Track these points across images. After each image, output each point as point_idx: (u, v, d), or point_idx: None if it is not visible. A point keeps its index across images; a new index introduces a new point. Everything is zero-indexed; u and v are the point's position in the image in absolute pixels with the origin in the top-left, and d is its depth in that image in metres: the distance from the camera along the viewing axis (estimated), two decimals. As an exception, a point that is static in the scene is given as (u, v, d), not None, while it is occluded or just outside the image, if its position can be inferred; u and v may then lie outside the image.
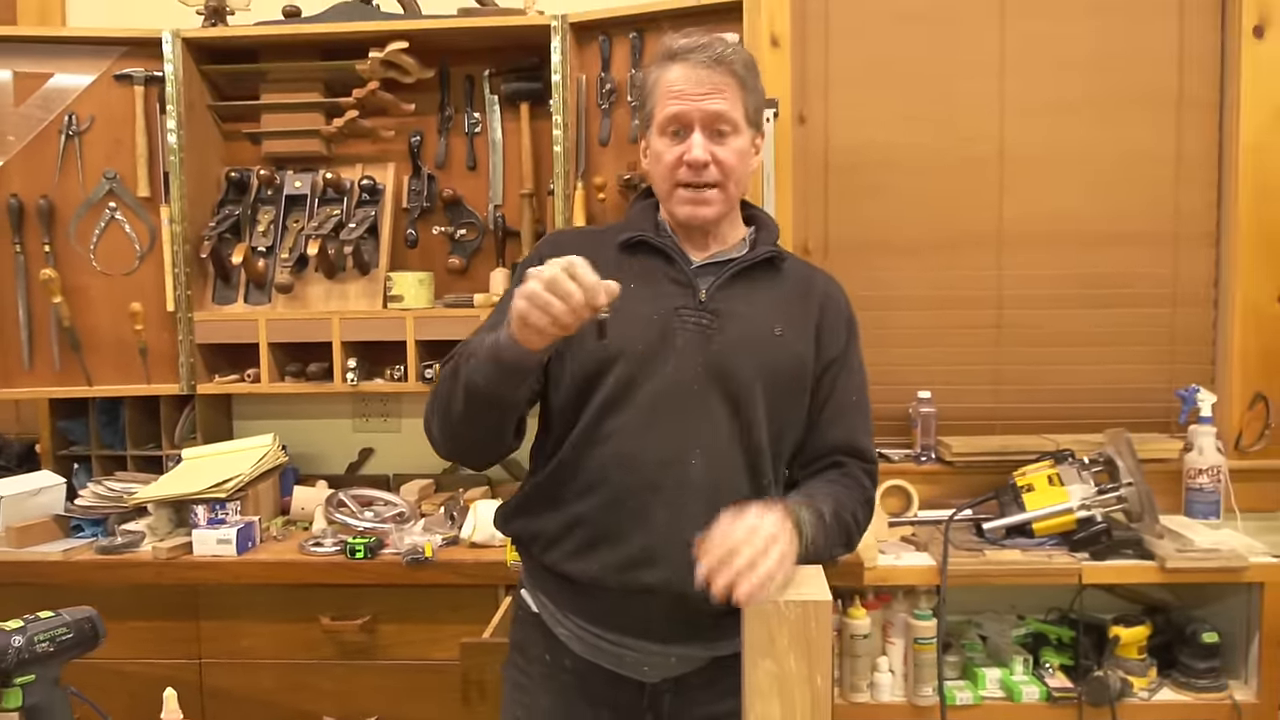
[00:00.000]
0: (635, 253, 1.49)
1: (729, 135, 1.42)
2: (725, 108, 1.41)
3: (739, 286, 1.47)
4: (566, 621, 1.45)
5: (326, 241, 2.43)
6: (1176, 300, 2.67)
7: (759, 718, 1.21)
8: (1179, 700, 2.27)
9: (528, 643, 1.51)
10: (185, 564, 2.20)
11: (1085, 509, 2.27)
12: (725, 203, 1.46)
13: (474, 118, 2.60)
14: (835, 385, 1.50)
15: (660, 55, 1.46)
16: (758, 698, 1.21)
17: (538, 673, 1.48)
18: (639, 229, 1.50)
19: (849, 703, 2.30)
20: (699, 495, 1.38)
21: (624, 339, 1.39)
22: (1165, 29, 2.63)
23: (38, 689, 1.18)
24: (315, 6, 2.50)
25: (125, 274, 2.51)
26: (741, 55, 1.44)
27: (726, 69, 1.41)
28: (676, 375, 1.41)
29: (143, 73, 2.47)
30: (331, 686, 2.21)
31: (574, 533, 1.42)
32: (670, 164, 1.44)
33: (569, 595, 1.44)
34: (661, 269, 1.47)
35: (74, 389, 2.51)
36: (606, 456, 1.40)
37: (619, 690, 1.44)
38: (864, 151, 2.70)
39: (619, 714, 1.45)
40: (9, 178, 2.46)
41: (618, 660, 1.43)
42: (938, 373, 2.70)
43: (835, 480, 1.47)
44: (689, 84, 1.41)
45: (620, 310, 1.34)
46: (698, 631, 1.41)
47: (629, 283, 1.40)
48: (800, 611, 1.20)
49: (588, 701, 1.45)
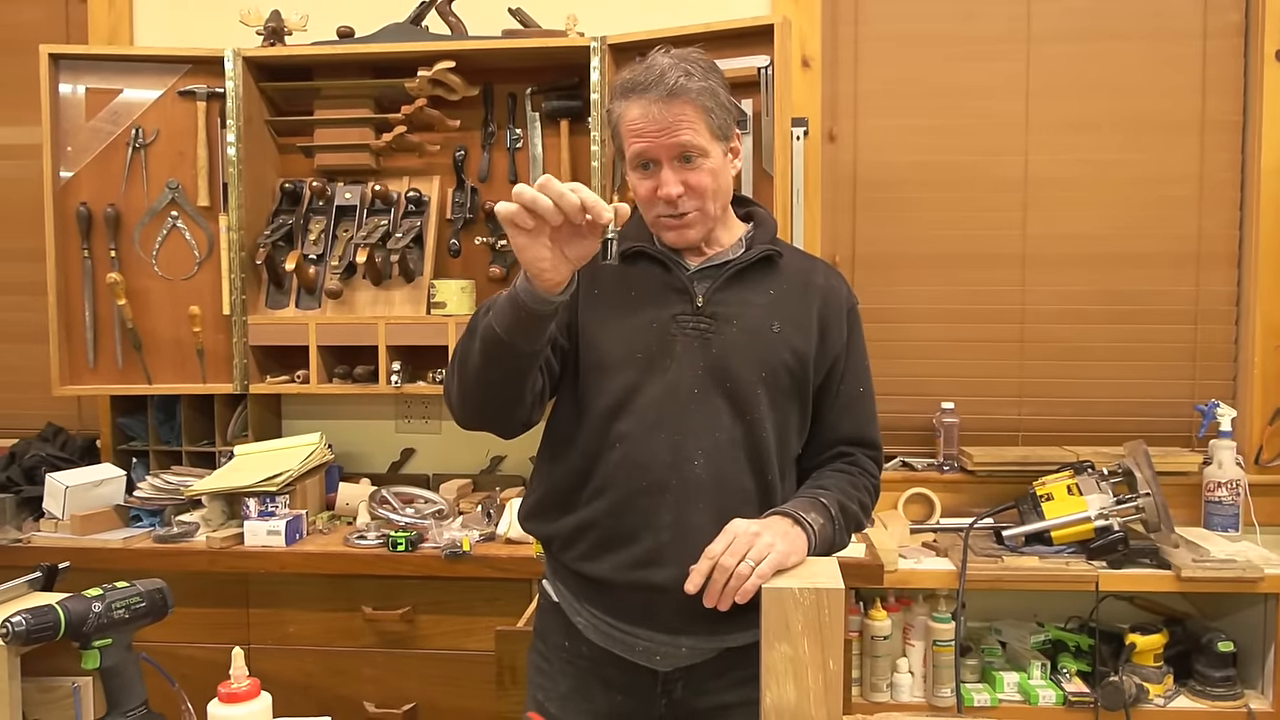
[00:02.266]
0: (635, 262, 1.50)
1: (697, 158, 1.42)
2: (689, 138, 1.40)
3: (736, 288, 1.48)
4: (583, 611, 1.49)
5: (374, 250, 2.54)
6: (1198, 317, 2.72)
7: (775, 698, 1.29)
8: (1195, 708, 2.31)
9: (549, 630, 1.55)
10: (236, 553, 2.31)
11: (1103, 518, 2.33)
12: (707, 221, 1.47)
13: (516, 134, 2.70)
14: (843, 379, 1.53)
15: (618, 90, 1.45)
16: (773, 679, 1.29)
17: (557, 658, 1.53)
18: (635, 240, 1.50)
19: (869, 701, 2.36)
20: (704, 495, 1.42)
21: (626, 347, 1.45)
22: (1189, 53, 2.68)
23: (113, 652, 1.28)
24: (367, 27, 2.61)
25: (185, 279, 2.64)
26: (697, 80, 1.41)
27: (682, 100, 1.39)
28: (677, 380, 1.43)
29: (205, 89, 2.60)
30: (372, 673, 2.31)
31: (586, 535, 1.46)
32: (646, 198, 1.45)
33: (584, 589, 1.49)
34: (660, 277, 1.49)
35: (135, 387, 2.64)
36: (613, 462, 1.44)
37: (633, 676, 1.48)
38: (892, 169, 2.77)
39: (633, 699, 1.49)
40: (79, 187, 2.60)
41: (630, 649, 1.47)
42: (961, 384, 2.76)
43: (844, 470, 1.52)
44: (648, 122, 1.40)
45: (622, 319, 1.41)
46: (707, 624, 1.41)
47: (630, 291, 1.47)
48: (814, 599, 1.28)
49: (603, 686, 1.49)
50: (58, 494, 2.40)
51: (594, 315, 1.48)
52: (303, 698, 2.29)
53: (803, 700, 1.29)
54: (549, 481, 1.52)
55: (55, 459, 2.64)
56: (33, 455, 2.63)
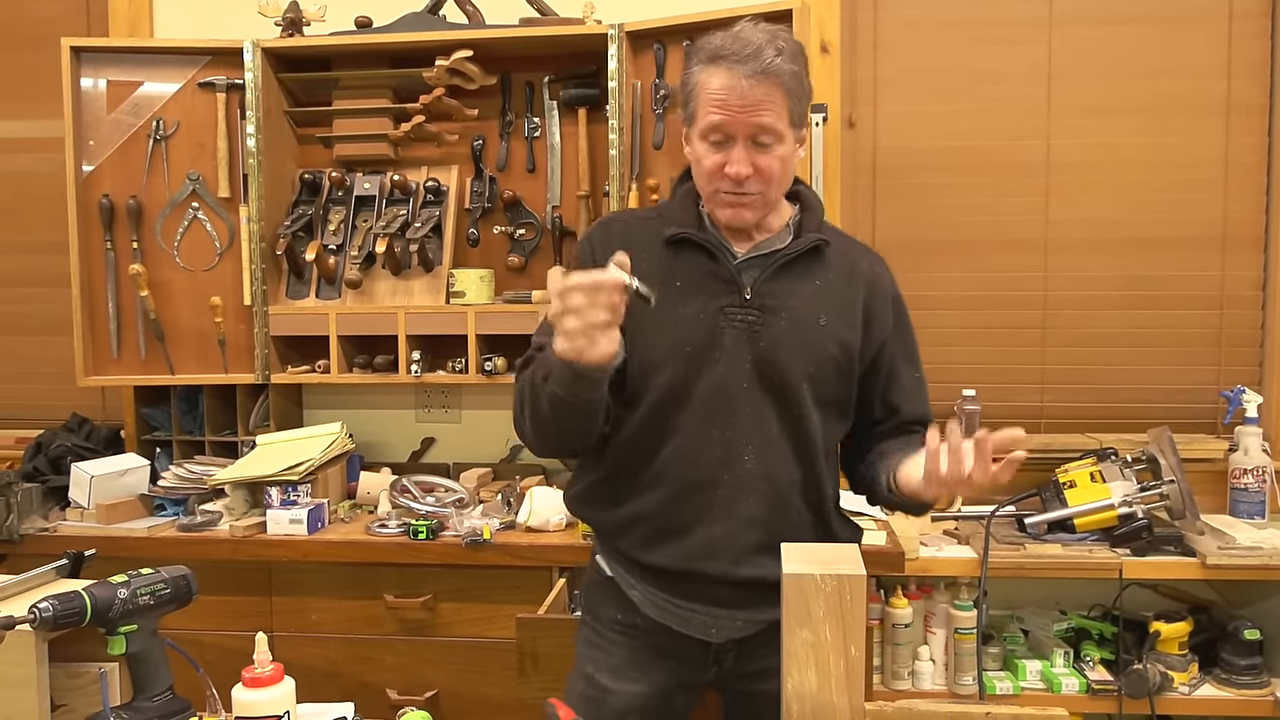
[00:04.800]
0: (680, 249, 1.48)
1: (772, 145, 1.39)
2: (770, 120, 1.37)
3: (783, 279, 1.47)
4: (639, 587, 1.52)
5: (393, 240, 2.55)
6: (1223, 302, 2.69)
7: (796, 684, 1.29)
8: (1221, 696, 2.29)
9: (601, 604, 1.58)
10: (259, 542, 2.32)
11: (1127, 505, 2.30)
12: (766, 206, 1.45)
13: (533, 122, 2.70)
14: (895, 365, 1.54)
15: (704, 53, 1.40)
16: (795, 665, 1.29)
17: (611, 631, 1.55)
18: (681, 223, 1.48)
19: (890, 689, 2.36)
20: (754, 489, 1.45)
21: (673, 340, 1.44)
22: (1213, 34, 2.65)
23: (139, 638, 1.29)
24: (385, 17, 2.62)
25: (206, 269, 2.66)
26: (787, 61, 1.37)
27: (773, 80, 1.35)
28: (726, 374, 1.44)
29: (225, 80, 2.61)
30: (394, 660, 2.33)
31: (638, 527, 1.48)
32: (711, 170, 1.41)
33: (638, 570, 1.52)
34: (707, 266, 1.47)
35: (158, 377, 2.66)
36: (666, 455, 1.45)
37: (686, 647, 1.51)
38: (912, 155, 2.75)
39: (685, 666, 1.53)
40: (101, 179, 2.62)
41: (686, 623, 1.50)
42: (983, 371, 2.74)
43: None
44: (732, 95, 1.35)
45: (669, 311, 1.40)
46: (761, 600, 1.44)
47: (675, 280, 1.46)
48: (835, 584, 1.28)
49: (657, 656, 1.52)
50: (83, 483, 2.43)
51: (642, 310, 1.44)
52: (326, 685, 2.30)
53: (824, 686, 1.29)
54: (598, 470, 1.54)
55: (80, 449, 2.67)
56: (58, 445, 2.66)
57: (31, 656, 1.23)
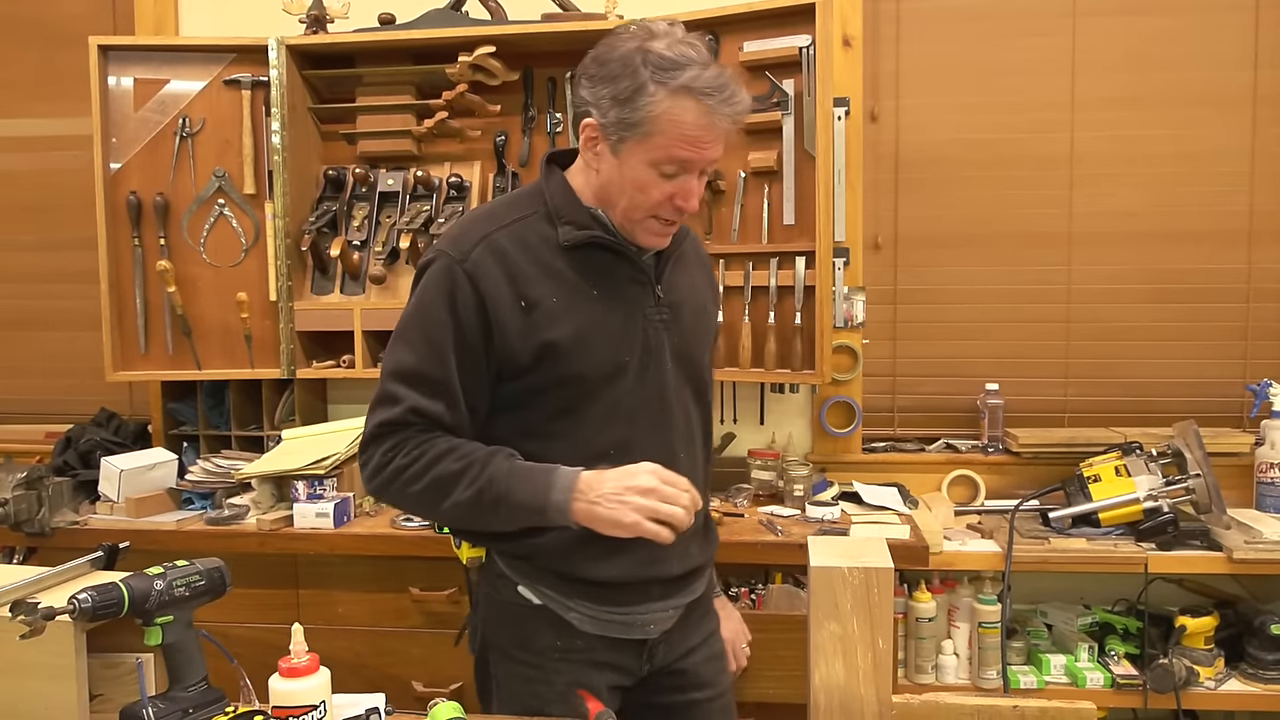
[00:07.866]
0: (582, 252, 1.43)
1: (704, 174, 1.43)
2: (720, 154, 1.41)
3: (677, 273, 1.53)
4: (578, 606, 1.48)
5: (417, 236, 2.57)
6: (1250, 296, 2.67)
7: (824, 677, 1.30)
8: (1247, 691, 2.28)
9: (534, 635, 1.50)
10: (286, 535, 2.35)
11: (1152, 500, 2.30)
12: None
13: (556, 118, 2.71)
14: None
15: (676, 81, 1.32)
16: (822, 658, 1.30)
17: (549, 660, 1.49)
18: (579, 224, 1.42)
19: (913, 683, 2.36)
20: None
21: (612, 354, 1.43)
22: (1239, 25, 2.63)
23: (175, 629, 1.31)
24: (408, 14, 2.63)
25: (232, 265, 2.68)
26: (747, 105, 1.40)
27: (738, 127, 1.39)
28: (661, 379, 1.47)
29: (250, 78, 2.63)
30: (420, 654, 2.34)
31: (591, 546, 1.42)
32: (659, 200, 1.38)
33: (578, 588, 1.48)
34: (619, 269, 1.45)
35: (185, 372, 2.69)
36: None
37: (623, 652, 1.52)
38: (934, 148, 2.74)
39: (622, 672, 1.53)
40: (128, 176, 2.65)
41: (627, 628, 1.50)
42: (1006, 365, 2.74)
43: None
44: (706, 133, 1.34)
45: (598, 324, 1.40)
46: (686, 587, 1.55)
47: (592, 290, 1.43)
48: (863, 578, 1.29)
49: (594, 668, 1.50)
50: (113, 477, 2.46)
51: (567, 326, 1.41)
52: (352, 677, 2.32)
53: (851, 678, 1.29)
54: None
55: (109, 443, 2.70)
56: (87, 440, 2.69)
57: (70, 647, 1.24)
